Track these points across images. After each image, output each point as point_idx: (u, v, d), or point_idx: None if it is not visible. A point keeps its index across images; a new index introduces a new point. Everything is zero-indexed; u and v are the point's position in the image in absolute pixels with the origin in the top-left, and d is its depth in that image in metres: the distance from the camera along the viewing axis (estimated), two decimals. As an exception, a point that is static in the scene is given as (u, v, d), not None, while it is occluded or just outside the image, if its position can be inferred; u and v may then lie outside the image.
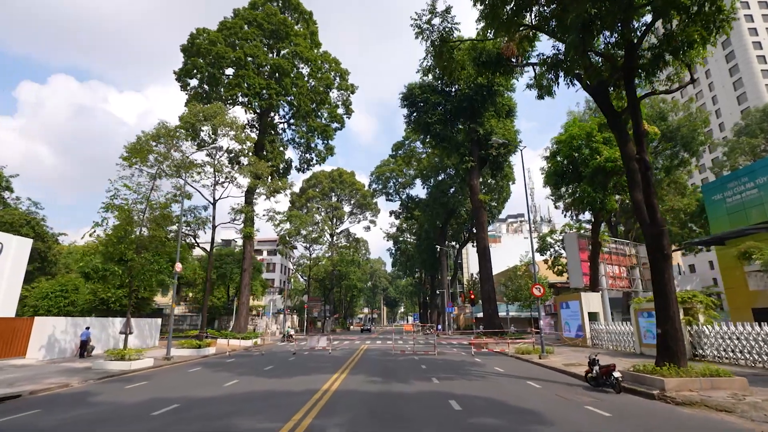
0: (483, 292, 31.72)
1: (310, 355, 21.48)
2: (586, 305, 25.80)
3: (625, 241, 31.43)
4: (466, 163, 33.18)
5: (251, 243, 32.28)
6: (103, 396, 10.61)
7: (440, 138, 35.09)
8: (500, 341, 24.87)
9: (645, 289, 31.21)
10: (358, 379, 12.78)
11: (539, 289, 19.45)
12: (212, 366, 17.12)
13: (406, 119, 36.80)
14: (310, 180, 76.10)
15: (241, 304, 30.70)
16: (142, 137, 22.35)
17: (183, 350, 21.91)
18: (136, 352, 16.95)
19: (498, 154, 33.55)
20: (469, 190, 34.27)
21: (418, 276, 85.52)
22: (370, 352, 23.08)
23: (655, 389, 10.32)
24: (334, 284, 70.99)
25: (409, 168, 66.34)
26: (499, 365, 16.97)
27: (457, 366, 16.57)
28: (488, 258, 32.19)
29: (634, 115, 12.35)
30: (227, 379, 12.94)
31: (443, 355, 21.76)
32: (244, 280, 31.21)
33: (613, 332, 23.00)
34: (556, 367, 15.89)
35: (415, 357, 20.15)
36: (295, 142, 38.66)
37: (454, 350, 24.82)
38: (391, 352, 22.44)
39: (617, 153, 23.62)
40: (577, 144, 25.00)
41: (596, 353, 12.01)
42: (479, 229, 32.87)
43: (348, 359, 19.06)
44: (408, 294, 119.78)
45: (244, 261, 31.73)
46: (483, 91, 32.03)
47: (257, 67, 30.95)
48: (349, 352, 22.94)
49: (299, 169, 39.29)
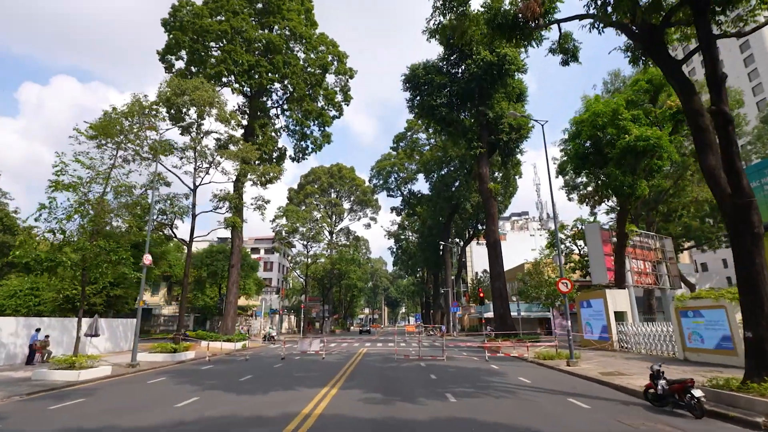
0: (494, 290, 28.92)
1: (300, 361, 18.72)
2: (611, 303, 23.00)
3: (649, 233, 28.62)
4: (474, 149, 30.38)
5: (239, 236, 29.54)
6: (4, 423, 7.87)
7: (446, 122, 32.31)
8: (517, 344, 22.07)
9: (672, 286, 28.40)
10: (352, 396, 10.03)
11: (566, 284, 16.67)
12: (180, 375, 14.37)
13: (409, 103, 34.03)
14: (309, 176, 73.45)
15: (228, 303, 27.96)
16: (111, 112, 19.59)
17: (156, 355, 19.17)
18: (89, 359, 14.21)
19: (509, 139, 30.75)
20: (478, 179, 31.46)
21: (420, 275, 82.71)
22: (369, 358, 20.31)
23: (756, 415, 7.54)
24: (334, 283, 68.22)
25: (411, 162, 63.60)
26: (522, 374, 14.19)
27: (474, 376, 13.80)
28: (499, 252, 29.40)
29: (709, 56, 9.56)
30: (186, 396, 10.20)
31: (453, 360, 18.99)
32: (232, 276, 28.47)
33: (645, 334, 20.20)
34: (593, 377, 13.12)
35: (421, 363, 17.38)
36: (289, 129, 35.94)
37: (464, 354, 22.05)
38: (393, 357, 19.68)
39: (649, 131, 20.86)
40: (601, 123, 22.20)
41: (659, 364, 9.20)
42: (489, 220, 30.08)
43: (343, 367, 16.29)
44: (410, 294, 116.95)
45: (232, 256, 28.99)
46: (493, 71, 29.25)
47: (246, 43, 28.21)
48: (345, 358, 20.18)
49: (294, 158, 36.54)
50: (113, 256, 14.16)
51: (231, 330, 27.72)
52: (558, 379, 13.36)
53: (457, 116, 32.45)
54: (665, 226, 34.57)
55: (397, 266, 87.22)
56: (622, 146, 21.26)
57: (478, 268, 74.61)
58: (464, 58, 31.05)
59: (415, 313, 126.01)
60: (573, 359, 15.98)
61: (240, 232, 29.37)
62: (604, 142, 22.63)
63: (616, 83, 33.26)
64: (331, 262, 65.04)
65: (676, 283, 28.72)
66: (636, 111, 22.69)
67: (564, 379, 13.22)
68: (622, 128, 21.90)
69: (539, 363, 17.67)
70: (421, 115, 33.48)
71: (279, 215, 52.40)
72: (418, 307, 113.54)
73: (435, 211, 56.23)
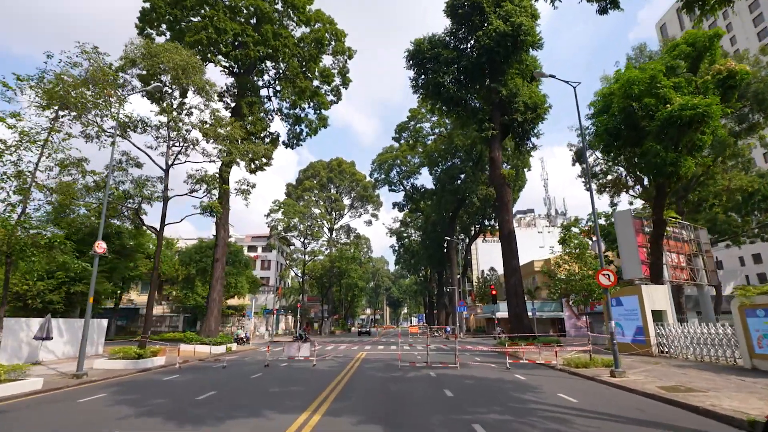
0: (508, 287, 25.84)
1: (285, 370, 15.72)
2: (648, 301, 19.92)
3: (683, 222, 25.52)
4: (486, 130, 27.30)
5: (225, 227, 26.56)
6: None
7: (454, 102, 29.27)
8: (543, 349, 18.99)
9: (709, 282, 25.28)
10: (340, 428, 7.02)
11: (608, 276, 13.59)
12: (128, 390, 11.37)
13: (413, 83, 30.99)
14: (307, 170, 70.59)
15: (212, 302, 24.97)
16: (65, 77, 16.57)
17: (115, 362, 16.19)
18: (14, 370, 11.23)
19: (524, 120, 27.64)
20: (489, 164, 28.38)
21: (423, 274, 79.60)
22: (369, 365, 17.27)
23: None
24: (333, 283, 65.17)
25: (414, 155, 60.59)
26: (561, 389, 11.14)
27: (501, 392, 10.77)
28: (514, 245, 26.32)
29: None
30: (108, 424, 7.22)
31: (468, 368, 15.95)
32: (216, 272, 25.49)
33: (695, 337, 17.10)
34: (655, 394, 10.09)
35: (431, 373, 14.34)
36: (282, 113, 32.96)
37: (477, 360, 18.99)
38: (397, 364, 16.64)
39: (696, 99, 17.77)
40: (637, 91, 19.09)
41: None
42: (502, 210, 26.99)
43: (335, 378, 13.27)
44: (412, 294, 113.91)
45: (216, 249, 26.01)
46: (507, 42, 26.17)
47: (231, 11, 25.24)
48: (341, 364, 17.15)
49: (288, 144, 33.55)
50: (41, 240, 11.16)
51: (214, 332, 24.73)
52: (610, 396, 10.32)
53: (467, 95, 29.39)
54: (695, 217, 31.43)
55: (399, 265, 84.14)
56: (662, 117, 18.17)
57: (485, 265, 71.58)
58: (474, 30, 28.02)
59: (417, 313, 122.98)
60: (618, 368, 12.93)
61: (225, 222, 26.40)
62: (638, 114, 19.51)
63: (642, 59, 30.13)
64: (330, 260, 62.05)
65: (714, 279, 25.60)
66: (678, 78, 19.61)
67: (619, 397, 10.17)
68: (661, 97, 18.82)
69: (573, 372, 14.62)
70: (427, 95, 30.43)
71: (274, 209, 49.45)
72: (421, 307, 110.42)
73: (439, 206, 53.15)
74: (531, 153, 29.54)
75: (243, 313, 46.92)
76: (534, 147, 29.62)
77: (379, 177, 62.79)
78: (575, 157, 35.29)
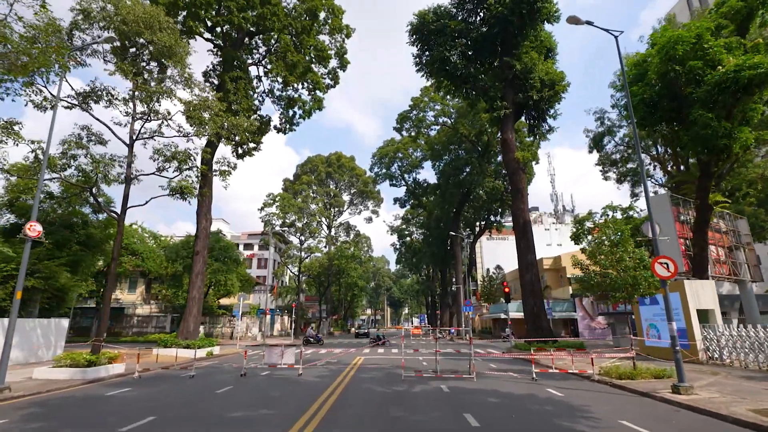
0: (524, 284, 23.00)
1: (263, 382, 12.92)
2: (692, 299, 17.09)
3: (723, 211, 22.67)
4: (498, 109, 24.48)
5: (207, 218, 23.77)
6: None
7: (462, 79, 26.46)
8: (578, 355, 16.15)
9: (753, 278, 22.43)
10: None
11: (666, 266, 10.78)
12: (45, 415, 8.59)
13: (416, 60, 28.20)
14: (305, 165, 67.88)
15: (190, 300, 22.17)
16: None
17: (60, 371, 13.41)
18: None
19: (540, 98, 24.82)
20: (502, 147, 25.54)
21: (425, 273, 76.74)
22: (366, 374, 14.46)
23: None
24: (332, 282, 62.38)
25: (416, 148, 57.77)
26: (617, 412, 8.33)
27: (539, 416, 7.95)
28: (530, 236, 23.50)
29: None
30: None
31: (485, 378, 13.14)
32: (196, 266, 22.69)
33: (755, 341, 14.27)
34: (751, 422, 7.31)
35: (442, 386, 11.52)
36: (273, 95, 30.18)
37: (493, 367, 16.17)
38: (399, 373, 13.82)
39: (757, 58, 14.94)
40: (681, 52, 16.25)
41: None
42: (517, 197, 24.15)
43: (321, 394, 10.48)
44: (413, 294, 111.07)
45: (197, 240, 23.20)
46: (522, 8, 23.34)
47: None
48: (332, 374, 14.35)
49: (280, 129, 30.75)
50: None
51: (193, 333, 21.92)
52: (691, 425, 7.49)
53: (476, 72, 26.57)
54: (728, 207, 28.56)
55: (401, 264, 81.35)
56: (713, 81, 15.37)
57: (489, 264, 68.65)
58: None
59: (419, 313, 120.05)
60: (684, 382, 10.12)
61: (207, 211, 23.60)
62: (682, 81, 16.70)
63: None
64: (328, 258, 59.25)
65: (757, 275, 22.74)
66: (725, 40, 16.78)
67: (705, 428, 7.34)
68: (709, 60, 16.02)
69: (617, 385, 11.79)
70: (431, 72, 27.61)
71: (268, 203, 46.65)
72: (423, 308, 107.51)
73: (443, 200, 50.27)
74: (547, 136, 26.72)
75: (236, 313, 44.13)
76: (551, 129, 26.78)
77: (379, 171, 59.90)
78: (592, 143, 32.41)
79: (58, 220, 20.25)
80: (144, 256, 40.27)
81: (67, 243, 19.98)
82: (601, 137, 31.97)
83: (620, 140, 32.35)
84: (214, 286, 39.88)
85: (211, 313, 43.87)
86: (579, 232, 40.78)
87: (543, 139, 26.77)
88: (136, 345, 27.05)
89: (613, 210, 37.05)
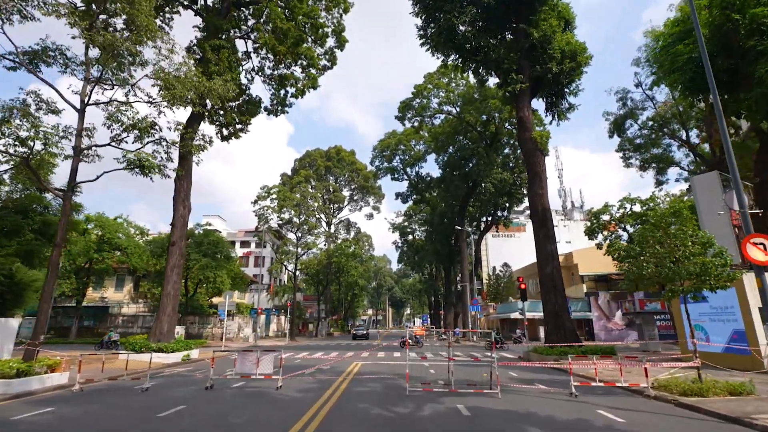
0: (543, 278, 20.18)
1: (229, 399, 10.19)
2: (752, 296, 14.30)
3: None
4: (513, 83, 21.69)
5: (185, 204, 21.00)
6: None
7: (472, 52, 23.71)
8: (604, 361, 13.33)
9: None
10: None
11: (763, 247, 8.01)
12: None
13: (420, 33, 25.45)
14: (303, 159, 65.29)
15: (165, 296, 19.45)
16: None
17: (-21, 382, 10.71)
18: None
19: (560, 71, 22.03)
20: (518, 126, 22.71)
21: (428, 271, 73.90)
22: (361, 387, 11.71)
23: None
24: (332, 280, 59.64)
25: (419, 140, 54.98)
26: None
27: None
28: (550, 225, 20.69)
29: None
30: None
31: (511, 393, 10.37)
32: (171, 258, 19.95)
33: None
34: None
35: (460, 407, 8.74)
36: (263, 73, 27.51)
37: (514, 376, 13.39)
38: (403, 386, 11.04)
39: None
40: None
41: None
42: (534, 181, 21.35)
43: (299, 419, 7.74)
44: (416, 293, 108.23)
45: (173, 230, 20.45)
46: (541, -31, 20.60)
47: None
48: (319, 386, 11.61)
49: (271, 110, 28.09)
50: None
51: (167, 335, 19.19)
52: None
53: (487, 44, 23.78)
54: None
55: (403, 263, 78.56)
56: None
57: (495, 262, 65.86)
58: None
59: (421, 314, 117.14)
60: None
61: (184, 197, 20.86)
62: (742, 33, 13.89)
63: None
64: (327, 255, 56.51)
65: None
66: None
67: None
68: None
69: (688, 405, 8.99)
70: (438, 45, 24.83)
71: (262, 196, 43.95)
72: (425, 308, 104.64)
73: (448, 193, 47.46)
74: (567, 115, 23.85)
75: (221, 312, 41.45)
76: (571, 107, 23.86)
77: (380, 165, 57.03)
78: (613, 127, 29.67)
79: (10, 204, 17.57)
80: (129, 251, 37.61)
81: (19, 230, 17.31)
82: (623, 120, 29.22)
83: (643, 124, 29.59)
84: (203, 283, 37.23)
85: (201, 313, 41.23)
86: (594, 227, 38.05)
87: (562, 118, 23.85)
88: (91, 347, 24.35)
89: (631, 202, 34.32)
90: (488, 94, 41.13)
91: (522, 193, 46.38)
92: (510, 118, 41.47)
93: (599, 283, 44.97)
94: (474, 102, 41.89)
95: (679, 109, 27.05)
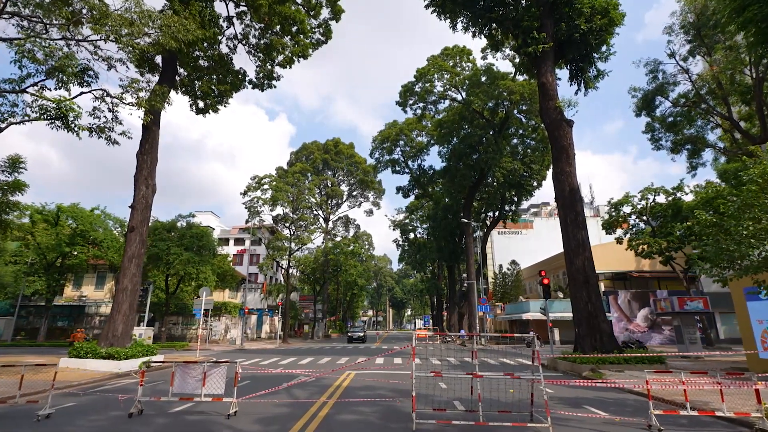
0: (572, 272, 16.90)
1: (156, 429, 6.92)
2: None
3: None
4: (535, 43, 18.44)
5: (148, 183, 17.76)
6: None
7: (486, 9, 20.45)
8: (726, 382, 9.91)
9: None
10: None
11: None
12: None
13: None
14: (300, 152, 62.05)
15: (120, 292, 16.26)
16: None
17: None
18: None
19: (589, 30, 18.77)
20: (540, 94, 19.40)
21: (431, 270, 70.54)
22: (349, 415, 8.46)
23: None
24: (329, 279, 56.37)
25: (421, 131, 51.75)
26: None
27: None
28: (580, 208, 17.43)
29: None
30: None
31: (563, 426, 7.08)
32: (130, 248, 16.73)
33: None
34: None
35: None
36: (248, 42, 24.37)
37: (550, 393, 10.12)
38: (407, 413, 7.76)
39: None
40: None
41: None
42: (560, 158, 18.05)
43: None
44: (417, 294, 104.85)
45: (133, 212, 17.17)
46: None
47: None
48: (291, 412, 8.36)
49: (257, 83, 24.97)
50: None
51: (122, 338, 15.93)
52: None
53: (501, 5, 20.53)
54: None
55: (404, 262, 75.11)
56: None
57: (502, 260, 62.50)
58: None
59: (423, 315, 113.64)
60: None
61: (147, 175, 17.58)
62: None
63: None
64: (323, 252, 53.26)
65: None
66: None
67: None
68: None
69: None
70: (445, 7, 21.60)
71: (253, 186, 40.73)
72: (427, 308, 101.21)
73: (453, 185, 44.06)
74: (595, 84, 20.56)
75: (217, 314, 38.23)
76: (600, 74, 20.55)
77: (380, 157, 53.67)
78: (641, 103, 26.34)
79: None
80: (105, 245, 34.42)
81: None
82: (653, 95, 25.94)
83: (675, 100, 26.31)
84: (185, 279, 33.97)
85: (185, 313, 38.02)
86: (613, 220, 34.78)
87: (591, 86, 20.50)
88: (60, 350, 21.11)
89: (654, 193, 31.15)
90: (497, 75, 37.90)
91: (532, 185, 43.23)
92: (521, 102, 38.29)
93: (616, 281, 41.73)
94: (482, 85, 38.58)
95: (720, 82, 23.81)
